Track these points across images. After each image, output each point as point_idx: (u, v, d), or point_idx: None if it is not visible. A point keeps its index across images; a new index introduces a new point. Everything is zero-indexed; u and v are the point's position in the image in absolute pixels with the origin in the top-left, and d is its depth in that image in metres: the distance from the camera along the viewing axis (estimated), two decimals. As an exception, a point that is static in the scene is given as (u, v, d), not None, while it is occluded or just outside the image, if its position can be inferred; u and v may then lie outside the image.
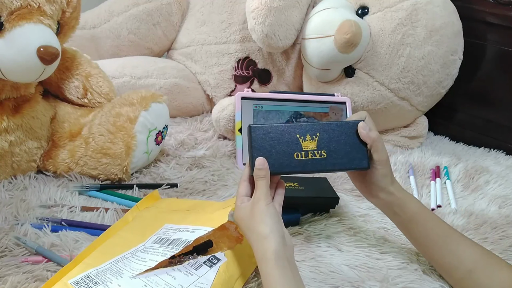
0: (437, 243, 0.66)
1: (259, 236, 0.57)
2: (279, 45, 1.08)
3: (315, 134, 0.64)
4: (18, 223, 0.72)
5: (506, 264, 0.64)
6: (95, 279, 0.59)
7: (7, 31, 0.74)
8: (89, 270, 0.61)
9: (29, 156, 0.86)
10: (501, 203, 0.92)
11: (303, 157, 0.63)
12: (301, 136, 0.64)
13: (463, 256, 0.64)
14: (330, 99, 1.08)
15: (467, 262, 0.64)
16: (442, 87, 1.11)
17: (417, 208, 0.67)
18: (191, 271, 0.61)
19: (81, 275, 0.60)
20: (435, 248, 0.66)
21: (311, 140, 0.64)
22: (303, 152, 0.64)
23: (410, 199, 0.68)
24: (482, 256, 0.64)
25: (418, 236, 0.68)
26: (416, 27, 1.04)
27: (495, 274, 0.62)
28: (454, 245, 0.65)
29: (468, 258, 0.64)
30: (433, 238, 0.66)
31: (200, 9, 1.24)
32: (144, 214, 0.75)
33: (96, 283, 0.58)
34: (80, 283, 0.58)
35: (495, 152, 1.16)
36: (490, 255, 0.65)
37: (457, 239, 0.66)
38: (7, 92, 0.81)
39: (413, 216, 0.67)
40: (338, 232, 0.78)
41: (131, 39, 1.23)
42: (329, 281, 0.66)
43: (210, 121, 1.15)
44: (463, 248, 0.65)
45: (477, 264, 0.63)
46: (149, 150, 0.90)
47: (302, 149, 0.64)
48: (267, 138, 0.63)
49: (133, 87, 1.11)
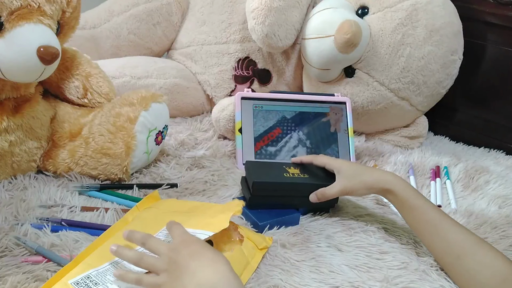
0: (427, 229, 0.70)
1: None
2: (279, 45, 1.08)
3: (296, 167, 0.85)
4: (18, 223, 0.72)
5: (498, 252, 0.66)
6: (95, 280, 0.59)
7: (7, 31, 0.74)
8: (89, 270, 0.61)
9: (29, 156, 0.86)
10: (501, 203, 0.92)
11: (290, 175, 0.82)
12: (286, 167, 0.85)
13: (452, 242, 0.67)
14: (330, 99, 1.08)
15: (456, 248, 0.67)
16: (442, 87, 1.11)
17: (407, 195, 0.73)
18: None
19: (81, 275, 0.60)
20: (425, 233, 0.71)
21: (295, 168, 0.85)
22: (290, 173, 0.83)
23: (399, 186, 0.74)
24: (472, 243, 0.66)
25: (410, 221, 0.73)
26: (416, 27, 1.04)
27: (485, 261, 0.64)
28: (444, 231, 0.69)
29: (457, 244, 0.67)
30: (423, 224, 0.71)
31: (200, 9, 1.24)
32: (144, 215, 0.75)
33: (96, 283, 0.59)
34: (80, 283, 0.58)
35: (495, 152, 1.16)
36: (481, 243, 0.67)
37: (447, 226, 0.69)
38: (7, 92, 0.81)
39: (404, 202, 0.73)
40: (338, 232, 0.78)
41: (131, 39, 1.23)
42: (329, 281, 0.66)
43: (210, 121, 1.15)
44: (453, 235, 0.68)
45: (466, 251, 0.66)
46: (149, 150, 0.90)
47: (288, 172, 0.83)
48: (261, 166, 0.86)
49: (133, 87, 1.11)
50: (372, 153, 1.11)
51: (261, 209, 0.80)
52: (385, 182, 0.75)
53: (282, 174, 0.82)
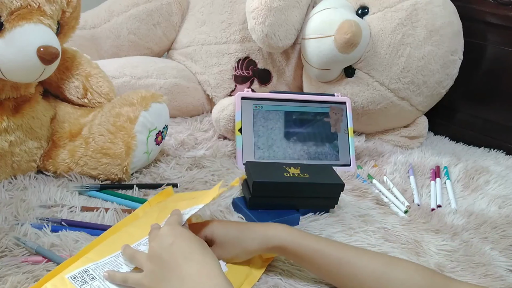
0: (333, 272, 0.62)
1: None
2: (279, 45, 1.08)
3: (296, 167, 0.84)
4: (18, 223, 0.72)
5: (412, 267, 0.60)
6: (93, 274, 0.59)
7: (7, 31, 0.74)
8: (88, 264, 0.60)
9: (29, 156, 0.86)
10: (501, 203, 0.92)
11: (290, 175, 0.81)
12: (286, 167, 0.84)
13: (363, 278, 0.60)
14: (330, 99, 1.08)
15: (369, 283, 0.60)
16: (442, 87, 1.11)
17: (301, 245, 0.62)
18: None
19: (79, 269, 0.60)
20: (333, 276, 0.63)
21: (295, 168, 0.83)
22: (290, 173, 0.82)
23: (288, 238, 0.63)
24: (386, 269, 0.60)
25: (316, 271, 0.64)
26: (416, 27, 1.04)
27: (405, 284, 0.58)
28: (351, 268, 0.61)
29: (369, 278, 0.60)
30: (328, 268, 0.62)
31: (200, 9, 1.24)
32: (153, 209, 0.75)
33: (93, 278, 0.58)
34: (77, 277, 0.58)
35: (495, 152, 1.16)
36: (396, 266, 0.60)
37: (353, 262, 0.61)
38: (7, 92, 0.81)
39: (300, 254, 0.63)
40: (338, 232, 0.78)
41: (131, 39, 1.23)
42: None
43: (210, 121, 1.15)
44: (361, 270, 0.60)
45: (382, 280, 0.59)
46: (149, 150, 0.90)
47: (289, 172, 0.82)
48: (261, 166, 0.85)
49: (133, 87, 1.11)
50: (372, 153, 1.11)
51: (261, 209, 0.80)
52: (271, 239, 0.63)
53: (282, 174, 0.82)
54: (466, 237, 0.81)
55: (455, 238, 0.80)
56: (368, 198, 0.91)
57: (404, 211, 0.88)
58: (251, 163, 0.87)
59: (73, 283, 0.57)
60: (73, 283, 0.58)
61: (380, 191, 0.95)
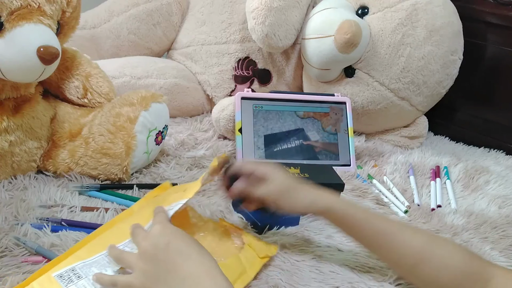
0: (375, 242, 0.64)
1: None
2: (279, 45, 1.08)
3: (296, 167, 0.83)
4: (18, 223, 0.72)
5: (455, 247, 0.61)
6: (79, 273, 0.58)
7: (7, 31, 0.74)
8: (76, 263, 0.60)
9: (29, 156, 0.86)
10: (501, 203, 0.92)
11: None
12: (286, 167, 0.81)
13: (405, 251, 0.61)
14: (330, 99, 1.08)
15: (409, 257, 0.61)
16: (442, 87, 1.11)
17: (348, 211, 0.65)
18: None
19: (66, 268, 0.59)
20: (375, 246, 0.64)
21: (295, 168, 0.82)
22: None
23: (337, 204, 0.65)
24: (426, 246, 0.61)
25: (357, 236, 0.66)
26: (416, 27, 1.05)
27: (442, 262, 0.59)
28: (395, 241, 0.62)
29: (410, 253, 0.61)
30: (370, 237, 0.64)
31: (200, 9, 1.24)
32: (149, 204, 0.74)
33: (79, 276, 0.58)
34: (63, 276, 0.58)
35: (495, 152, 1.16)
36: (436, 242, 0.62)
37: (397, 234, 0.62)
38: (7, 92, 0.81)
39: (345, 218, 0.65)
40: (338, 232, 0.78)
41: (131, 39, 1.23)
42: (329, 281, 0.66)
43: (210, 121, 1.15)
44: (405, 243, 0.62)
45: (421, 257, 0.60)
46: (149, 150, 0.90)
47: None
48: None
49: (133, 87, 1.11)
50: (372, 153, 1.11)
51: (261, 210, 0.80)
52: (321, 202, 0.66)
53: None
54: (466, 237, 0.81)
55: (455, 238, 0.80)
56: (368, 198, 0.91)
57: (404, 211, 0.88)
58: None
59: (59, 282, 0.57)
60: (59, 281, 0.57)
61: (380, 191, 0.95)
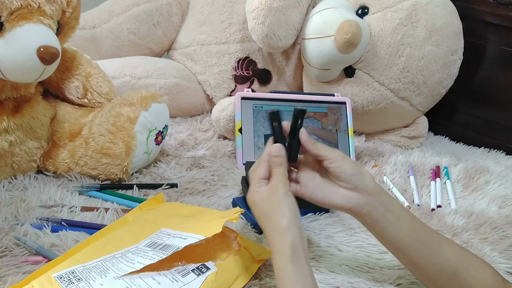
0: (422, 245, 0.61)
1: (277, 228, 0.56)
2: (279, 45, 1.08)
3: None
4: (18, 223, 0.72)
5: (484, 262, 0.62)
6: (79, 276, 0.58)
7: (7, 31, 0.74)
8: (75, 265, 0.60)
9: (29, 156, 0.86)
10: (501, 203, 0.92)
11: None
12: None
13: (447, 255, 0.61)
14: (330, 99, 1.08)
15: (451, 262, 0.60)
16: (442, 87, 1.11)
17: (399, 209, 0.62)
18: (177, 277, 0.60)
19: (66, 270, 0.59)
20: (421, 249, 0.61)
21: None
22: None
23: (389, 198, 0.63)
24: (462, 254, 0.61)
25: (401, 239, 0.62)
26: (416, 27, 1.05)
27: (477, 272, 0.60)
28: (437, 244, 0.61)
29: (451, 257, 0.60)
30: (419, 239, 0.61)
31: (200, 9, 1.24)
32: (144, 216, 0.74)
33: (79, 279, 0.58)
34: (63, 277, 0.58)
35: (495, 152, 1.16)
36: (469, 253, 0.62)
37: (439, 238, 0.62)
38: (7, 92, 0.82)
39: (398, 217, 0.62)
40: (338, 232, 0.78)
41: (131, 39, 1.23)
42: (329, 281, 0.66)
43: (210, 121, 1.15)
44: (446, 248, 0.61)
45: (460, 262, 0.60)
46: (149, 150, 0.90)
47: None
48: None
49: (133, 87, 1.11)
50: (372, 153, 1.11)
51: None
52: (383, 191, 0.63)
53: None
54: (466, 238, 0.81)
55: (455, 238, 0.80)
56: (368, 198, 0.91)
57: (404, 211, 0.88)
58: (251, 163, 0.87)
59: (59, 283, 0.57)
60: (59, 282, 0.57)
61: (380, 191, 0.94)
